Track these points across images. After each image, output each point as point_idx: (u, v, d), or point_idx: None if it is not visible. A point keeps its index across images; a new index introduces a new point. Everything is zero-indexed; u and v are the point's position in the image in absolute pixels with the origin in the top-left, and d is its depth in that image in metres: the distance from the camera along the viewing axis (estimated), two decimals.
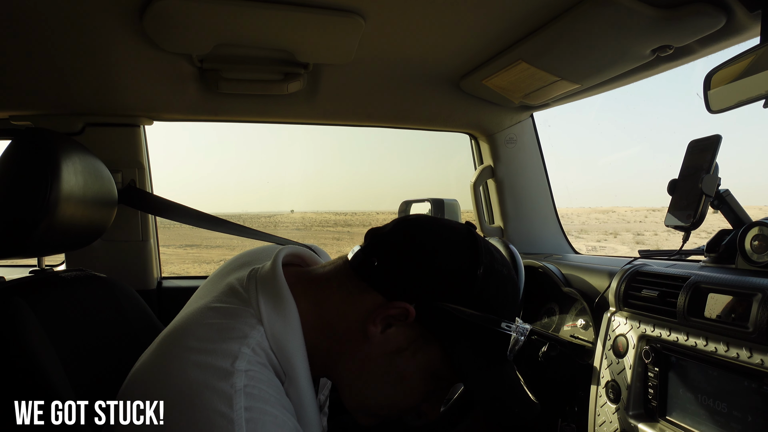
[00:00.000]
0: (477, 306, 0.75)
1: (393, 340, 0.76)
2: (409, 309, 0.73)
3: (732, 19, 1.05)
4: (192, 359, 0.66)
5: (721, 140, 1.12)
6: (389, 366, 0.77)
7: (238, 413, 0.62)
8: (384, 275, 0.76)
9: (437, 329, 0.75)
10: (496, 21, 1.19)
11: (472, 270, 0.75)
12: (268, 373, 0.70)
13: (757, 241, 1.00)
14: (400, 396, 0.79)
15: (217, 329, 0.71)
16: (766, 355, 0.79)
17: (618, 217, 46.09)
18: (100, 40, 1.28)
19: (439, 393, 0.84)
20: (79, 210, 1.05)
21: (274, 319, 0.73)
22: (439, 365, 0.78)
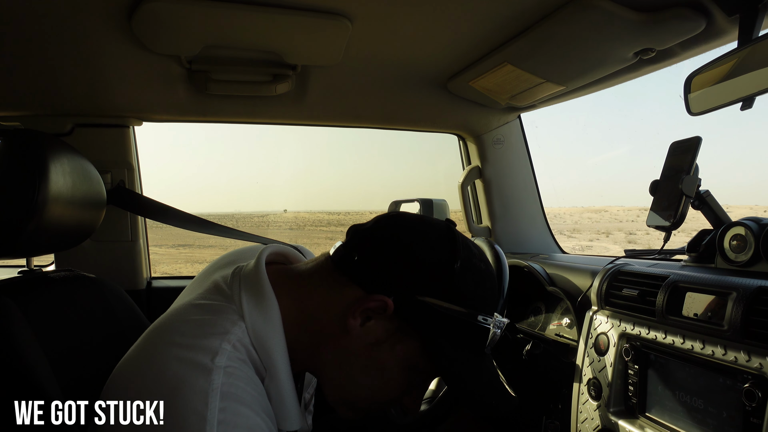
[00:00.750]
0: (455, 300, 0.76)
1: (372, 332, 0.77)
2: (387, 302, 0.74)
3: (711, 23, 1.07)
4: (173, 353, 0.68)
5: (701, 142, 1.14)
6: (368, 358, 0.77)
7: (212, 412, 0.63)
8: (363, 269, 0.77)
9: (415, 322, 0.76)
10: (481, 24, 1.21)
11: (449, 264, 0.76)
12: (247, 369, 0.71)
13: (735, 241, 1.02)
14: (380, 388, 0.80)
15: (199, 325, 0.72)
16: (740, 353, 0.81)
17: (610, 216, 46.30)
18: (89, 42, 1.29)
19: (420, 387, 0.85)
20: (67, 210, 1.05)
21: (255, 315, 0.75)
22: (418, 358, 0.78)
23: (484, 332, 0.78)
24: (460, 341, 0.78)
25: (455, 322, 0.76)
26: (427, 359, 0.78)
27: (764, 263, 0.96)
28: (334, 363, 0.79)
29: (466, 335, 0.78)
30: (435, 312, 0.75)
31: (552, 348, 1.31)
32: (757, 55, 0.95)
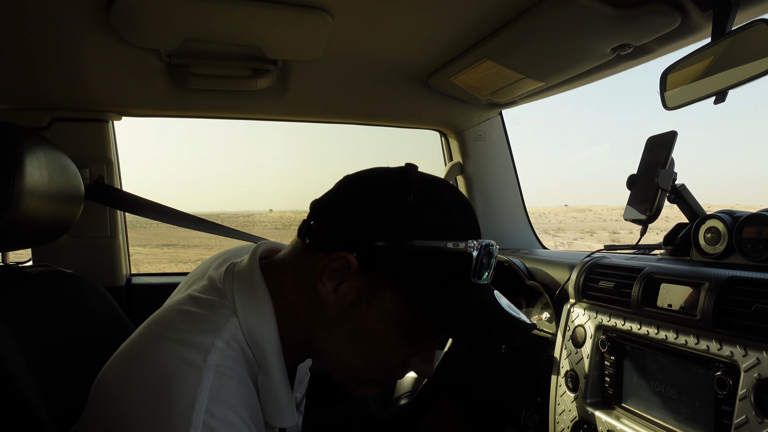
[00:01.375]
0: (417, 235, 0.71)
1: (347, 295, 0.74)
2: (348, 257, 0.71)
3: (687, 18, 1.08)
4: (165, 348, 0.67)
5: (677, 136, 1.15)
6: (350, 322, 0.74)
7: (198, 415, 0.62)
8: (319, 232, 0.76)
9: (383, 270, 0.72)
10: (461, 19, 1.21)
11: (402, 199, 0.72)
12: (239, 369, 0.70)
13: (709, 234, 1.04)
14: (375, 353, 0.76)
15: (192, 320, 0.72)
16: (712, 342, 0.82)
17: (594, 215, 46.68)
18: (66, 35, 1.27)
19: (424, 346, 0.79)
20: (43, 205, 1.04)
21: (248, 311, 0.74)
22: (401, 309, 0.73)
23: (464, 260, 0.73)
24: (439, 277, 0.73)
25: (426, 259, 0.72)
26: (410, 309, 0.73)
27: (737, 255, 0.97)
28: (324, 338, 0.77)
29: (444, 269, 0.73)
30: (399, 253, 0.71)
31: (531, 342, 1.32)
32: (729, 50, 0.97)
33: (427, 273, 0.72)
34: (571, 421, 1.08)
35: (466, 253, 0.72)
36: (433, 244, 0.71)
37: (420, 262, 0.71)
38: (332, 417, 1.50)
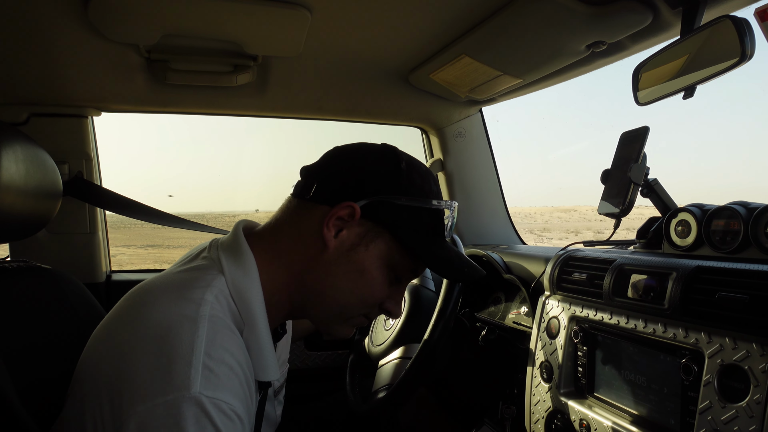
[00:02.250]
0: (408, 194, 0.87)
1: (347, 240, 0.86)
2: (354, 207, 0.84)
3: (658, 16, 1.10)
4: (159, 304, 0.75)
5: (649, 131, 1.17)
6: (349, 263, 0.86)
7: (197, 357, 0.68)
8: (324, 188, 0.87)
9: (381, 220, 0.86)
10: (439, 15, 1.23)
11: (396, 166, 0.88)
12: (228, 322, 0.77)
13: (680, 227, 1.06)
14: (365, 289, 0.88)
15: (182, 281, 0.79)
16: (678, 330, 0.84)
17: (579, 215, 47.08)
18: (44, 29, 1.26)
19: (398, 288, 0.94)
20: (20, 199, 1.03)
21: (234, 270, 0.82)
22: (392, 253, 0.88)
23: (440, 216, 0.91)
24: (423, 227, 0.89)
25: (415, 212, 0.88)
26: (400, 252, 0.88)
27: (706, 247, 1.00)
28: (320, 280, 0.87)
29: (426, 221, 0.89)
30: (396, 207, 0.86)
31: (509, 335, 1.33)
32: (698, 47, 0.99)
33: (415, 224, 0.88)
34: (546, 412, 1.09)
35: (443, 210, 0.91)
36: (421, 202, 0.88)
37: (411, 214, 0.87)
38: (314, 412, 1.51)
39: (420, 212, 0.88)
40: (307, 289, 0.88)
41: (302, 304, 0.90)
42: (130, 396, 0.68)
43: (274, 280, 0.87)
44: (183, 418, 0.65)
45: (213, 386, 0.68)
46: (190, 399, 0.66)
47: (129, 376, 0.69)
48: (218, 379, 0.69)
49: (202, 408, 0.66)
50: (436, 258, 0.89)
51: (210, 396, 0.67)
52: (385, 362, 1.28)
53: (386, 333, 1.30)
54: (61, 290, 1.14)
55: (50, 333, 1.05)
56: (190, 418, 0.66)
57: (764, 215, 0.89)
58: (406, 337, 1.24)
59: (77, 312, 1.14)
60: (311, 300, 0.89)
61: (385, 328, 1.32)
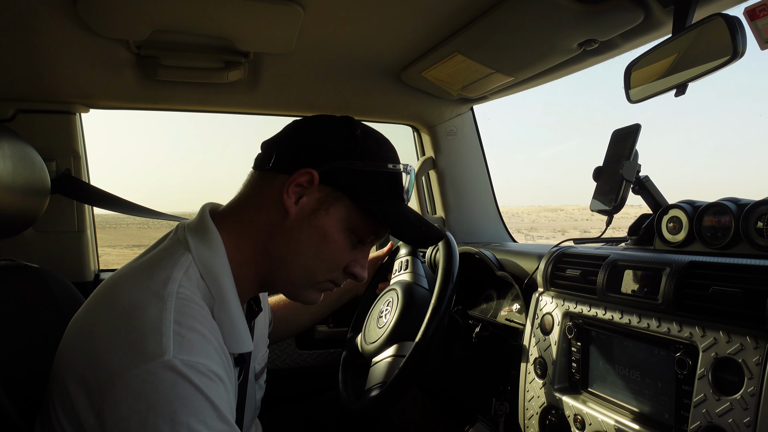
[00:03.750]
0: (365, 159, 0.90)
1: (307, 205, 0.89)
2: (313, 173, 0.87)
3: (650, 14, 1.11)
4: (128, 285, 0.78)
5: (641, 129, 1.18)
6: (310, 227, 0.89)
7: (167, 326, 0.71)
8: (284, 157, 0.90)
9: (340, 185, 0.89)
10: (431, 13, 1.23)
11: (352, 134, 0.91)
12: (196, 298, 0.79)
13: (672, 223, 1.07)
14: (327, 253, 0.91)
15: (150, 262, 0.83)
16: (672, 324, 0.85)
17: (566, 215, 47.39)
18: (31, 23, 1.24)
19: (363, 251, 0.97)
20: (7, 197, 1.02)
21: (200, 247, 0.84)
22: (352, 216, 0.91)
23: (396, 178, 0.94)
24: (380, 190, 0.92)
25: (372, 176, 0.91)
26: (359, 215, 0.91)
27: (698, 243, 1.01)
28: (284, 246, 0.89)
29: (384, 184, 0.92)
30: (353, 172, 0.89)
31: (502, 332, 1.34)
32: (689, 44, 1.00)
33: (373, 187, 0.91)
34: (540, 407, 1.10)
35: (400, 173, 0.94)
36: (377, 166, 0.91)
37: (368, 178, 0.90)
38: (306, 411, 1.50)
39: (377, 176, 0.91)
40: (272, 256, 0.90)
41: (270, 273, 0.92)
42: (105, 376, 0.69)
43: (242, 252, 0.89)
44: (161, 383, 0.67)
45: (186, 350, 0.70)
46: (165, 364, 0.67)
47: (102, 357, 0.70)
48: (190, 343, 0.71)
49: (178, 371, 0.67)
50: (393, 218, 0.92)
51: (185, 359, 0.69)
52: (378, 360, 1.27)
53: (379, 331, 1.29)
54: (49, 289, 1.12)
55: (38, 332, 1.04)
56: (167, 382, 0.67)
57: (754, 211, 0.90)
58: (400, 334, 1.24)
59: (65, 311, 1.12)
60: (277, 267, 0.91)
61: (378, 326, 1.31)
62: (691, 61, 1.00)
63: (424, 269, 1.42)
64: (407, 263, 1.41)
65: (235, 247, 0.88)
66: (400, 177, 0.94)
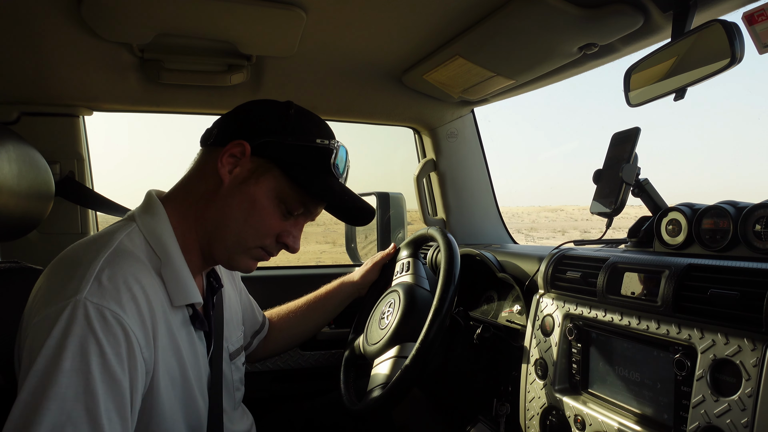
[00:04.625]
0: (296, 135, 0.98)
1: (239, 174, 0.96)
2: (244, 144, 0.95)
3: (649, 19, 1.12)
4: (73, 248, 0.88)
5: (640, 132, 1.19)
6: (241, 195, 0.95)
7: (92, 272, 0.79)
8: (223, 132, 0.99)
9: (272, 157, 0.96)
10: (433, 16, 1.24)
11: (285, 112, 0.99)
12: (137, 254, 0.88)
13: (671, 226, 1.08)
14: (257, 219, 0.97)
15: (98, 233, 0.92)
16: (671, 326, 0.86)
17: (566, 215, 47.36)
18: (36, 27, 1.25)
19: (295, 226, 1.03)
20: (12, 200, 1.03)
21: (144, 217, 0.94)
22: (282, 187, 0.97)
23: (325, 152, 1.00)
24: (310, 163, 0.99)
25: (301, 149, 0.98)
26: (289, 186, 0.97)
27: (696, 245, 1.02)
28: (221, 212, 0.96)
29: (314, 157, 0.99)
30: (283, 145, 0.97)
31: (503, 333, 1.35)
32: (688, 50, 1.01)
33: (302, 160, 0.98)
34: (541, 408, 1.11)
35: (329, 148, 1.00)
36: (307, 141, 0.98)
37: (298, 152, 0.98)
38: (308, 412, 1.51)
39: (306, 150, 0.98)
40: (209, 223, 0.97)
41: (208, 241, 0.98)
42: (29, 320, 0.78)
43: (185, 220, 0.97)
44: (60, 319, 0.74)
45: (100, 294, 0.76)
46: (75, 303, 0.75)
47: (35, 306, 0.79)
48: (106, 290, 0.77)
49: (83, 311, 0.74)
50: (318, 189, 0.98)
51: (95, 302, 0.75)
52: (380, 361, 1.28)
53: (381, 332, 1.30)
54: None
55: None
56: (64, 320, 0.73)
57: (752, 214, 0.92)
58: (402, 336, 1.25)
59: None
60: (213, 234, 0.98)
61: (380, 327, 1.32)
62: (690, 65, 1.01)
63: (426, 271, 1.43)
64: (408, 265, 1.42)
65: (179, 217, 0.96)
66: (329, 152, 1.00)
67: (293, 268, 2.19)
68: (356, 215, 1.10)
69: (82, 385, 0.72)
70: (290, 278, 2.04)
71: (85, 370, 0.73)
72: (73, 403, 0.71)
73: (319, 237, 42.03)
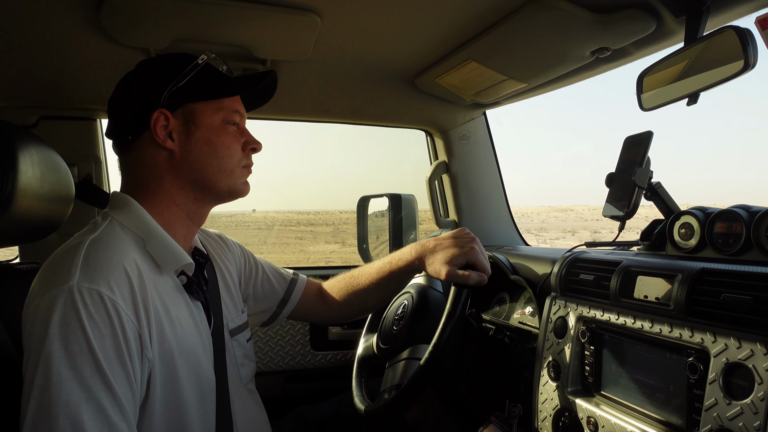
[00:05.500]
0: (179, 72, 1.03)
1: (180, 134, 1.02)
2: (162, 111, 1.00)
3: (662, 24, 1.13)
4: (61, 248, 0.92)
5: (653, 136, 1.20)
6: (197, 145, 1.02)
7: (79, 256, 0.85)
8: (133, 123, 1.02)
9: (184, 101, 1.02)
10: (447, 21, 1.25)
11: (155, 66, 1.05)
12: (121, 234, 0.95)
13: (684, 229, 1.09)
14: (224, 150, 1.05)
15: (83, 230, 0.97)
16: (684, 330, 0.87)
17: (576, 215, 47.09)
18: (55, 32, 1.28)
19: (244, 132, 1.11)
20: (35, 202, 1.05)
21: (118, 211, 0.99)
22: (212, 112, 1.04)
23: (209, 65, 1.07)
24: (210, 79, 1.06)
25: (195, 77, 1.04)
26: (213, 107, 1.04)
27: (709, 249, 1.02)
28: (194, 169, 1.03)
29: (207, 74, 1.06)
30: (182, 87, 1.02)
31: (515, 335, 1.36)
32: (701, 55, 1.02)
33: (203, 82, 1.05)
34: (553, 410, 1.12)
35: (208, 59, 1.06)
36: (191, 68, 1.03)
37: (195, 80, 1.03)
38: (321, 412, 1.53)
39: (198, 74, 1.04)
40: (190, 186, 1.04)
41: (195, 201, 1.06)
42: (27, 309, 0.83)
43: (158, 202, 1.02)
44: (57, 306, 0.79)
45: (90, 278, 0.82)
46: (69, 289, 0.80)
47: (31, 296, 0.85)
48: (95, 271, 0.83)
49: (78, 295, 0.80)
50: (234, 87, 1.08)
51: (86, 286, 0.81)
52: (393, 362, 1.30)
53: (394, 333, 1.32)
54: None
55: None
56: (60, 306, 0.79)
57: (765, 218, 0.92)
58: (414, 337, 1.26)
59: None
60: (201, 190, 1.05)
61: (393, 328, 1.34)
62: (703, 70, 1.02)
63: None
64: None
65: (151, 203, 1.01)
66: (213, 61, 1.08)
67: (303, 269, 2.21)
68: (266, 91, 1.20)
69: (93, 363, 0.79)
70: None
71: (91, 349, 0.79)
72: (89, 380, 0.78)
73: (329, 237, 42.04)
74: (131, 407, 0.83)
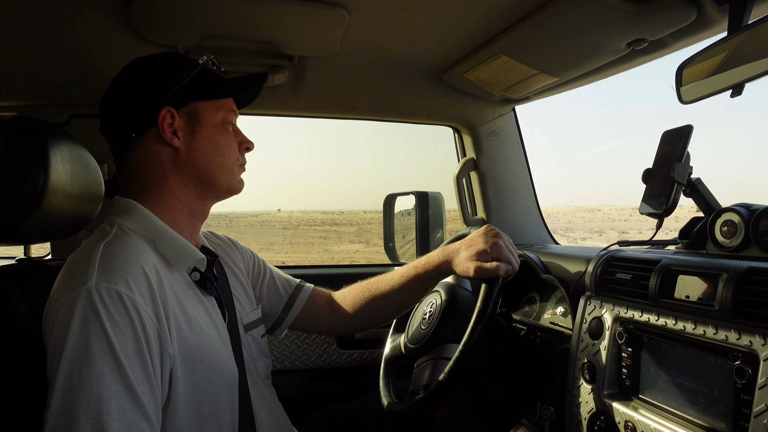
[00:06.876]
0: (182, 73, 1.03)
1: (185, 132, 1.03)
2: (168, 109, 1.01)
3: (702, 13, 1.08)
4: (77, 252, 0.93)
5: (693, 130, 1.16)
6: (201, 142, 1.04)
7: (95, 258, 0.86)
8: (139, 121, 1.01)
9: (187, 100, 1.03)
10: (477, 14, 1.22)
11: (155, 66, 1.05)
12: (133, 236, 0.95)
13: (726, 227, 1.04)
14: (225, 148, 1.07)
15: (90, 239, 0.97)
16: (731, 332, 0.83)
17: (603, 215, 46.47)
18: (85, 31, 1.29)
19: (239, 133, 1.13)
20: (66, 199, 1.06)
21: (124, 216, 0.99)
22: (212, 111, 1.06)
23: (205, 67, 1.08)
24: (209, 81, 1.08)
25: (196, 77, 1.05)
26: (214, 106, 1.07)
27: (754, 248, 0.98)
28: (197, 167, 1.04)
29: (207, 75, 1.08)
30: (185, 87, 1.03)
31: (547, 336, 1.32)
32: (747, 43, 0.97)
33: (203, 83, 1.06)
34: (588, 413, 1.08)
35: (205, 61, 1.08)
36: (191, 68, 1.05)
37: (196, 81, 1.05)
38: (349, 410, 1.51)
39: (198, 75, 1.05)
40: (193, 183, 1.06)
41: (197, 198, 1.07)
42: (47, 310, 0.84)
43: (162, 201, 1.03)
44: (77, 307, 0.80)
45: (107, 278, 0.83)
46: (88, 290, 0.81)
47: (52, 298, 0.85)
48: (112, 271, 0.84)
49: (97, 295, 0.80)
50: (232, 88, 1.11)
51: (105, 285, 0.82)
52: (421, 362, 1.28)
53: (423, 332, 1.30)
54: None
55: None
56: (81, 306, 0.79)
57: None
58: (444, 337, 1.24)
59: None
60: (203, 186, 1.07)
61: (421, 328, 1.32)
62: (748, 61, 0.97)
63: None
64: None
65: (154, 202, 1.02)
66: (211, 64, 1.09)
67: (327, 267, 2.20)
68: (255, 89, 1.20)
69: (114, 362, 0.79)
70: (324, 277, 2.04)
71: (112, 348, 0.79)
72: (110, 379, 0.78)
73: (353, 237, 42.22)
74: (152, 406, 0.83)
